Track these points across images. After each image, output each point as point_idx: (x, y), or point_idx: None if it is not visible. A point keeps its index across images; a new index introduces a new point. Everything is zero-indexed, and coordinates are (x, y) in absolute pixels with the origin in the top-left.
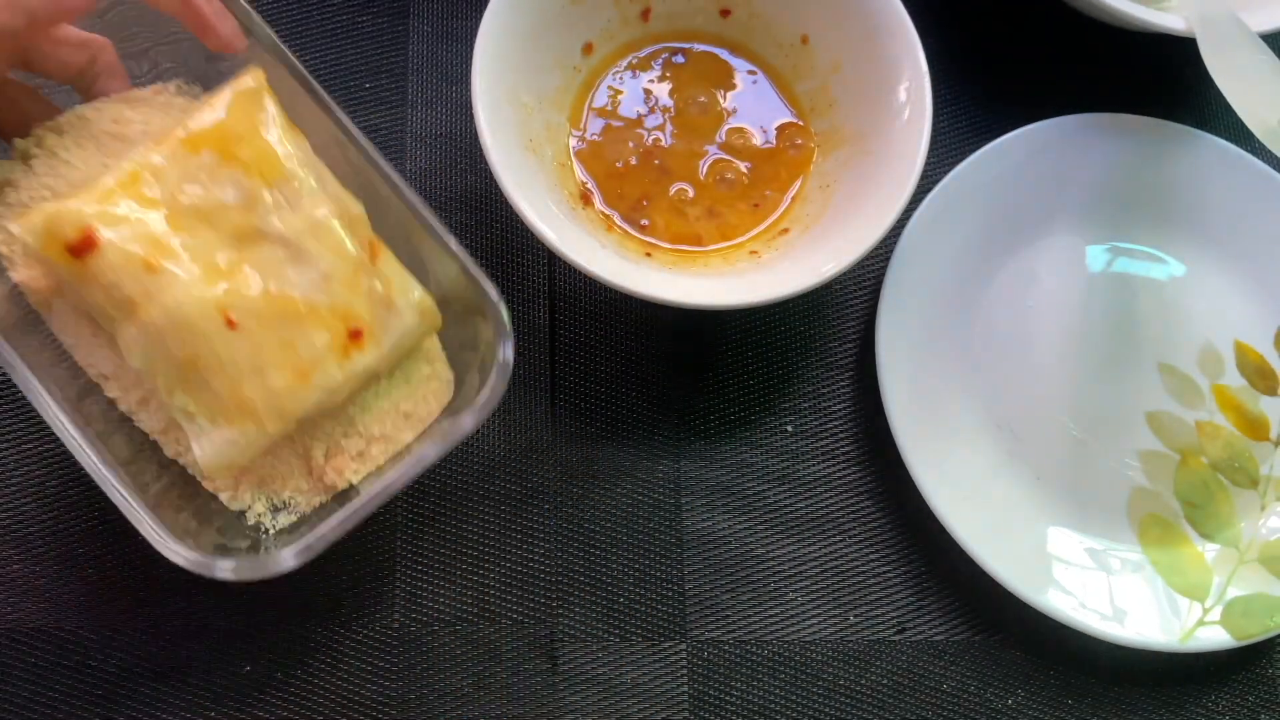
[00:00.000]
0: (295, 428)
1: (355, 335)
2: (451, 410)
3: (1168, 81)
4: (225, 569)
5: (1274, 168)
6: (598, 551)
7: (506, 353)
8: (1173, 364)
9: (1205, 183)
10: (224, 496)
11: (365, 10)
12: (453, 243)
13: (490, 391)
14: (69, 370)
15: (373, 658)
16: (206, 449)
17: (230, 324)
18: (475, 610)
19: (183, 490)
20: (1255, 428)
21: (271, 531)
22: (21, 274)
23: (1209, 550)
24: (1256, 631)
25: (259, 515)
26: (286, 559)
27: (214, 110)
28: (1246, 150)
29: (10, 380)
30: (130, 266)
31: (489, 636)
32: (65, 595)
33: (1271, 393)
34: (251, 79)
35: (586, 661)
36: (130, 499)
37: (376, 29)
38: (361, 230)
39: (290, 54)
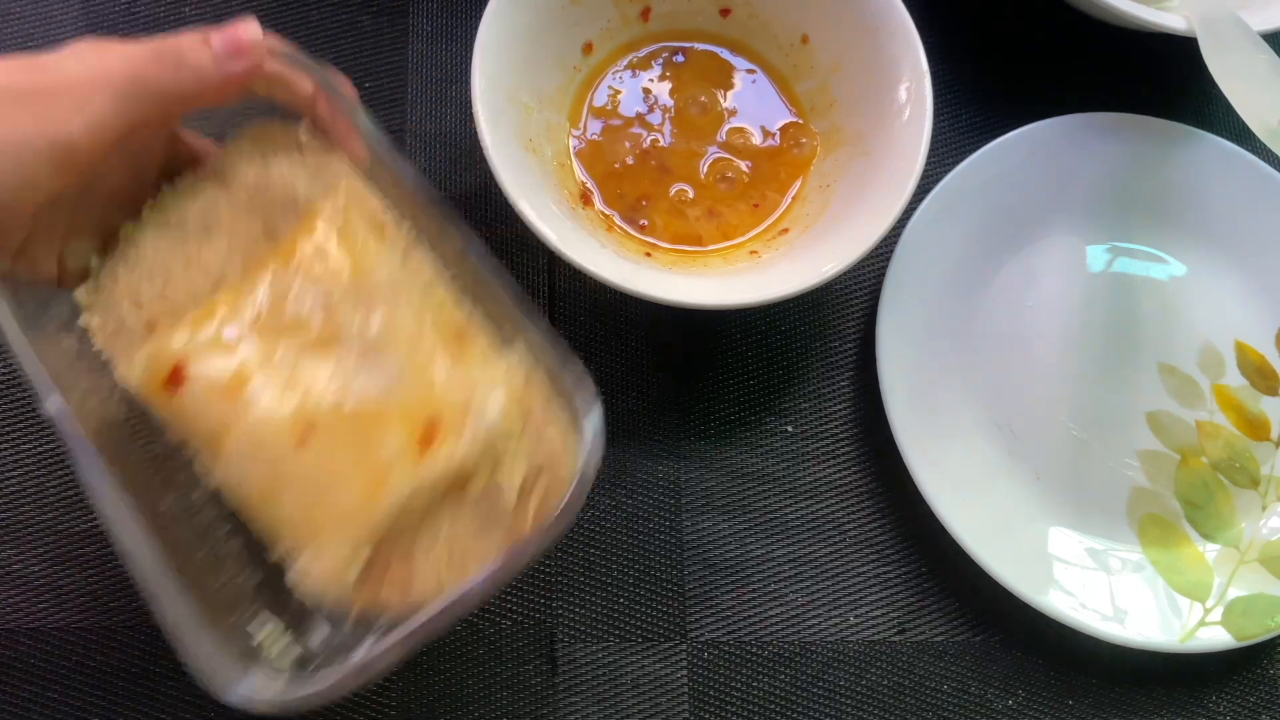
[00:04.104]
0: (392, 539)
1: (430, 434)
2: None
3: (1168, 81)
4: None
5: (1275, 168)
6: (598, 551)
7: (584, 456)
8: (1173, 364)
9: (1205, 183)
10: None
11: (365, 10)
12: (548, 332)
13: (551, 512)
14: (162, 477)
15: None
16: (296, 581)
17: (304, 439)
18: (475, 610)
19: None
20: (1256, 428)
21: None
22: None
23: (1210, 550)
24: (1257, 632)
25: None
26: (316, 684)
27: (305, 229)
28: (1247, 150)
29: (10, 381)
30: (215, 393)
31: (489, 636)
32: (65, 595)
33: (1272, 393)
34: (342, 198)
35: (586, 661)
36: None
37: (376, 29)
38: (445, 324)
39: (407, 169)
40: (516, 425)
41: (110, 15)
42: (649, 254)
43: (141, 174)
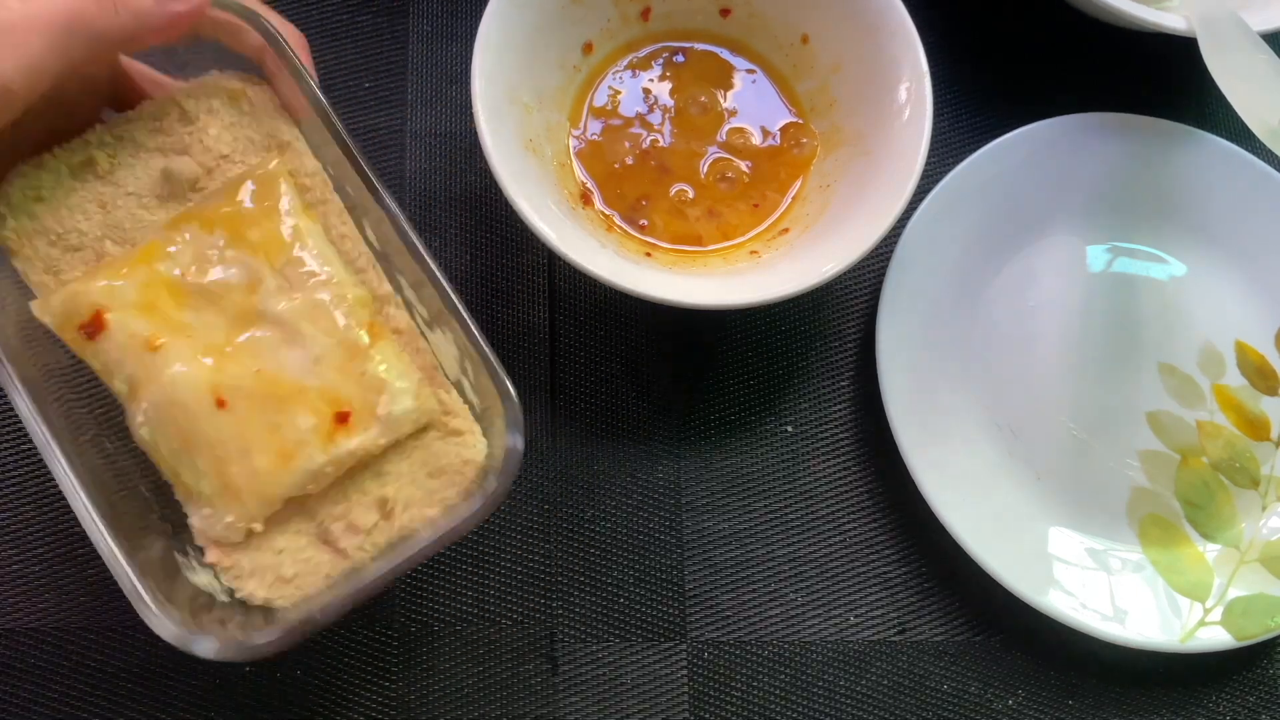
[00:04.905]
0: (293, 506)
1: (342, 419)
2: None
3: (1168, 81)
4: (207, 648)
5: (1275, 168)
6: (598, 551)
7: (515, 442)
8: (1173, 364)
9: (1205, 183)
10: (226, 575)
11: (365, 10)
12: (477, 338)
13: (490, 492)
14: (84, 407)
15: (373, 658)
16: (199, 525)
17: (220, 404)
18: (475, 610)
19: (166, 559)
20: (1256, 428)
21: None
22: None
23: (1210, 550)
24: (1257, 632)
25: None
26: (268, 635)
27: (233, 193)
28: (1247, 150)
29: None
30: (134, 346)
31: (489, 637)
32: (65, 595)
33: (1272, 393)
34: (274, 165)
35: (586, 661)
36: (117, 552)
37: (376, 29)
38: (363, 314)
39: (347, 138)
40: (422, 421)
41: None
42: (649, 254)
43: (83, 115)
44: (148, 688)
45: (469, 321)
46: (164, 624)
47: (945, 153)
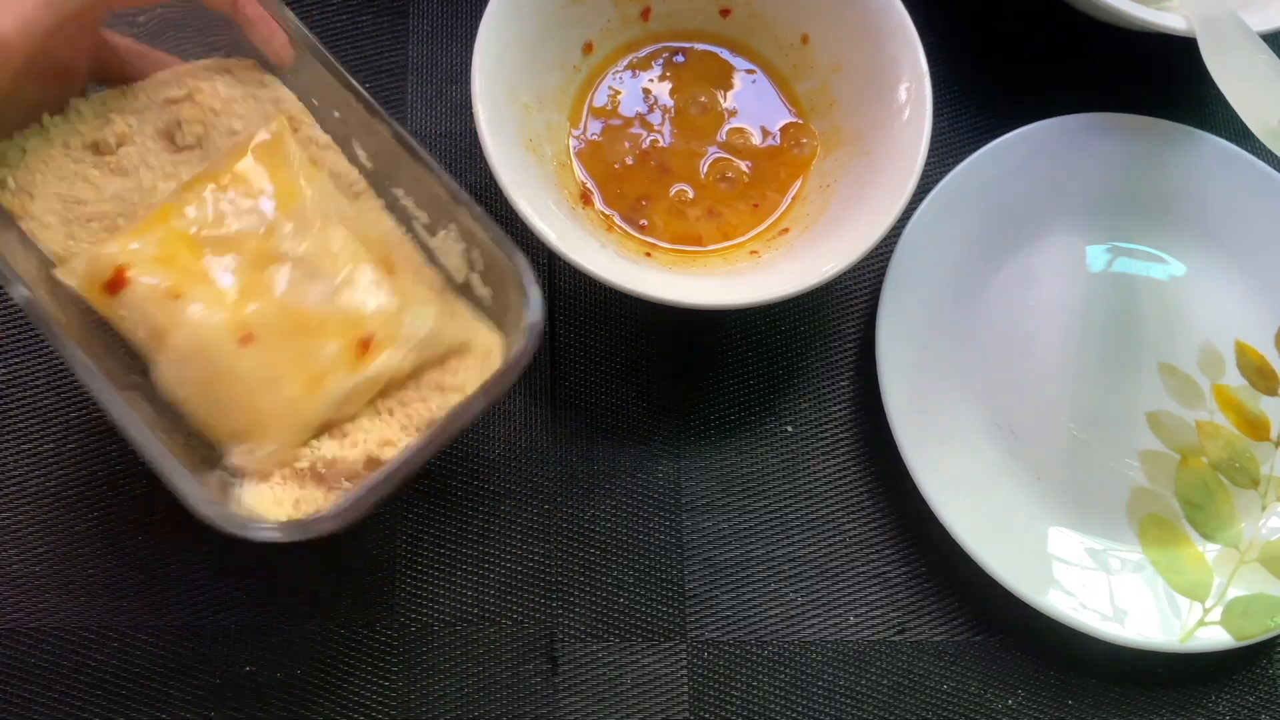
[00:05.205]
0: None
1: (365, 344)
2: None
3: (1168, 81)
4: (268, 530)
5: (1274, 168)
6: (598, 551)
7: (532, 317)
8: (1173, 364)
9: (1205, 183)
10: (265, 498)
11: (365, 10)
12: (481, 214)
13: (511, 359)
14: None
15: (373, 658)
16: (239, 461)
17: (246, 340)
18: (475, 610)
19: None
20: (1256, 428)
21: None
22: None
23: (1209, 550)
24: (1257, 631)
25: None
26: (326, 519)
27: (241, 153)
28: (1247, 150)
29: (10, 381)
30: (156, 296)
31: (489, 636)
32: (65, 595)
33: (1272, 393)
34: (275, 124)
35: (586, 661)
36: (168, 455)
37: (376, 29)
38: (377, 249)
39: (334, 60)
40: (445, 345)
41: None
42: (649, 254)
43: (68, 80)
44: (148, 688)
45: (472, 204)
46: (227, 513)
47: (945, 153)
